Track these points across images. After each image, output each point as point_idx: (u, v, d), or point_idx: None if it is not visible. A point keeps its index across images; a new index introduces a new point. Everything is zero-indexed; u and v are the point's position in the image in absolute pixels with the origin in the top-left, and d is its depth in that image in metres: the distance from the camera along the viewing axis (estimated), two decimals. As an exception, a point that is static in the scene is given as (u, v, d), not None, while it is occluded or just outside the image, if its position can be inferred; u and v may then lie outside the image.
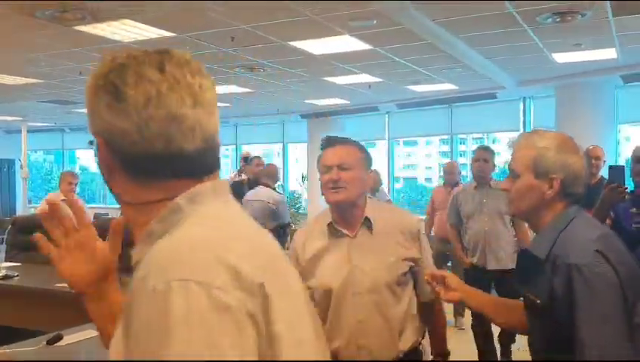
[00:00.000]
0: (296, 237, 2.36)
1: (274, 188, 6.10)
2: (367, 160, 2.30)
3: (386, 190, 8.81)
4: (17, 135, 12.60)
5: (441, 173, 8.66)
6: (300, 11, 5.33)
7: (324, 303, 2.20)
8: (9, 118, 13.50)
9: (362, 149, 2.30)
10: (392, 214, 2.38)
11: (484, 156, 4.87)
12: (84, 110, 0.95)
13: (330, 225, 2.26)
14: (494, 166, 4.96)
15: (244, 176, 7.51)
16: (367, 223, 2.25)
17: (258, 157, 7.44)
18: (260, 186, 6.04)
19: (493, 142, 14.32)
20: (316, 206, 11.94)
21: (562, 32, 6.18)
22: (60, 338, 2.62)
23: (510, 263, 4.58)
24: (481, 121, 11.37)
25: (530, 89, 9.68)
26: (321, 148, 2.29)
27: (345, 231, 2.25)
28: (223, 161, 16.10)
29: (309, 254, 2.26)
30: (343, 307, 2.19)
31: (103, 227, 1.18)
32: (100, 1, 5.01)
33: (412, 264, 2.26)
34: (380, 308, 2.19)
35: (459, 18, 5.67)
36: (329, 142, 2.27)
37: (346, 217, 2.25)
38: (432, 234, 6.53)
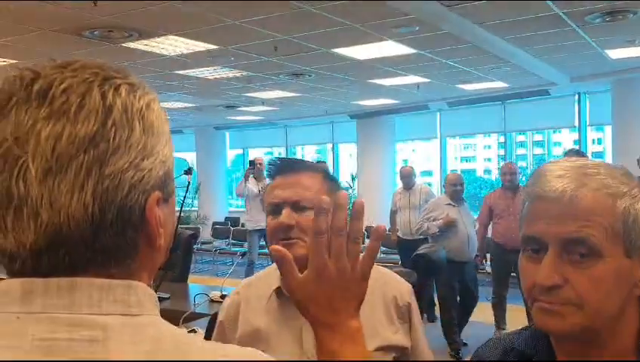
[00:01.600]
0: (226, 304, 1.60)
1: None
2: (336, 191, 1.49)
3: (431, 188, 8.58)
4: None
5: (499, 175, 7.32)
6: (341, 21, 5.33)
7: None
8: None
9: (328, 176, 1.54)
10: (374, 276, 1.46)
11: None
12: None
13: (278, 291, 1.50)
14: None
15: (250, 182, 7.42)
16: None
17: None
18: None
19: (554, 132, 13.90)
20: (367, 207, 11.90)
21: (613, 30, 5.94)
22: None
23: None
24: (535, 117, 11.07)
25: (585, 85, 9.36)
26: (268, 176, 1.55)
27: None
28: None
29: (243, 333, 1.51)
30: None
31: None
32: (146, 18, 5.14)
33: (398, 356, 1.52)
34: None
35: (503, 21, 5.55)
36: (280, 168, 1.52)
37: None
38: (491, 239, 6.00)
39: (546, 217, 0.89)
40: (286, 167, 1.51)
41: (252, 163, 7.58)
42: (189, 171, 1.26)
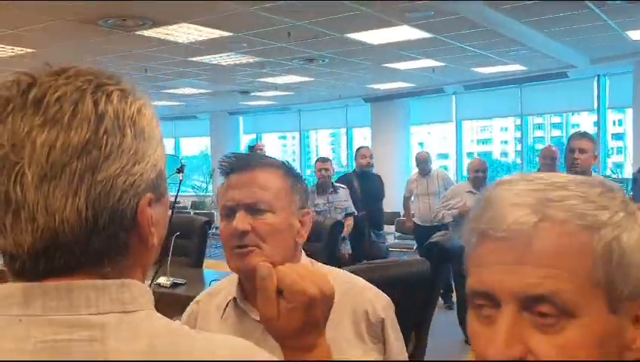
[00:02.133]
0: (186, 314, 1.47)
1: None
2: (300, 189, 1.37)
3: (447, 172, 8.49)
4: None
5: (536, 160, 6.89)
6: (354, 6, 5.26)
7: None
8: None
9: (290, 173, 1.37)
10: (343, 288, 1.29)
11: (579, 145, 3.69)
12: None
13: (234, 302, 1.36)
14: (596, 157, 3.82)
15: None
16: None
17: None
18: None
19: (572, 114, 13.67)
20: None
21: (634, 11, 5.82)
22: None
23: None
24: (554, 99, 10.90)
25: (605, 66, 9.18)
26: (222, 174, 1.37)
27: (256, 316, 1.25)
28: (289, 149, 16.14)
29: None
30: None
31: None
32: (159, 6, 5.12)
33: None
34: None
35: (520, 4, 5.44)
36: (234, 165, 1.34)
37: None
38: None
39: (497, 264, 0.64)
40: (241, 163, 1.33)
41: (252, 148, 7.49)
42: (181, 169, 1.26)
